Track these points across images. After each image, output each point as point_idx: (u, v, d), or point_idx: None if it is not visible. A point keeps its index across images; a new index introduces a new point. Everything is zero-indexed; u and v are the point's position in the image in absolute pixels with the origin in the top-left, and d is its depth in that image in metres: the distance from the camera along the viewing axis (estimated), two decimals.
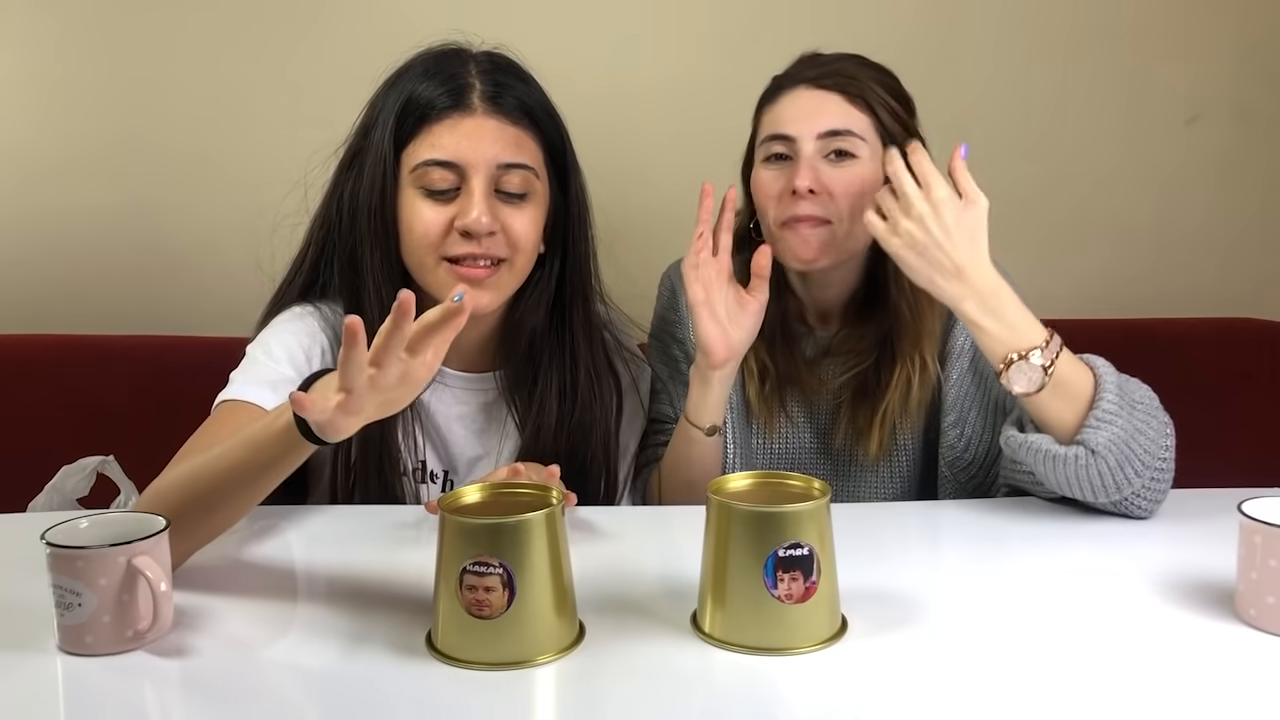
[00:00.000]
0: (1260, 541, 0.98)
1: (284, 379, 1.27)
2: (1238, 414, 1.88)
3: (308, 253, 1.40)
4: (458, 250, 1.29)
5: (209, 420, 1.26)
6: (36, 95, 2.00)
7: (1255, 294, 2.09)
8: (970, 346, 1.43)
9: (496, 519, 0.93)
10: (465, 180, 1.29)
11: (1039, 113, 2.05)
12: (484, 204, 1.28)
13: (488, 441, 1.44)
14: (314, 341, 1.34)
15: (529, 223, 1.32)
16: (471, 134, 1.28)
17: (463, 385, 1.43)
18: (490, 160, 1.28)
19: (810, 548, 0.95)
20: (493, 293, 1.32)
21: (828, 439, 1.50)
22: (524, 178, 1.31)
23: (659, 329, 1.59)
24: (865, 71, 1.41)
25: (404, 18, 1.87)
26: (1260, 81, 2.07)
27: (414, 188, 1.30)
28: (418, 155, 1.29)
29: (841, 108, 1.38)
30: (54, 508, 1.42)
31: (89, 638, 0.96)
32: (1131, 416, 1.21)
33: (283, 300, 1.40)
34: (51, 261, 2.04)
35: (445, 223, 1.29)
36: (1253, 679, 0.93)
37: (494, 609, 0.93)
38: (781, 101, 1.42)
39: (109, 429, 1.74)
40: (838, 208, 1.37)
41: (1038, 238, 2.07)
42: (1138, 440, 1.21)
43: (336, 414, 0.94)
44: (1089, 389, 1.22)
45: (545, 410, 1.40)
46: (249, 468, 1.05)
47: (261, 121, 1.99)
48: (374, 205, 1.30)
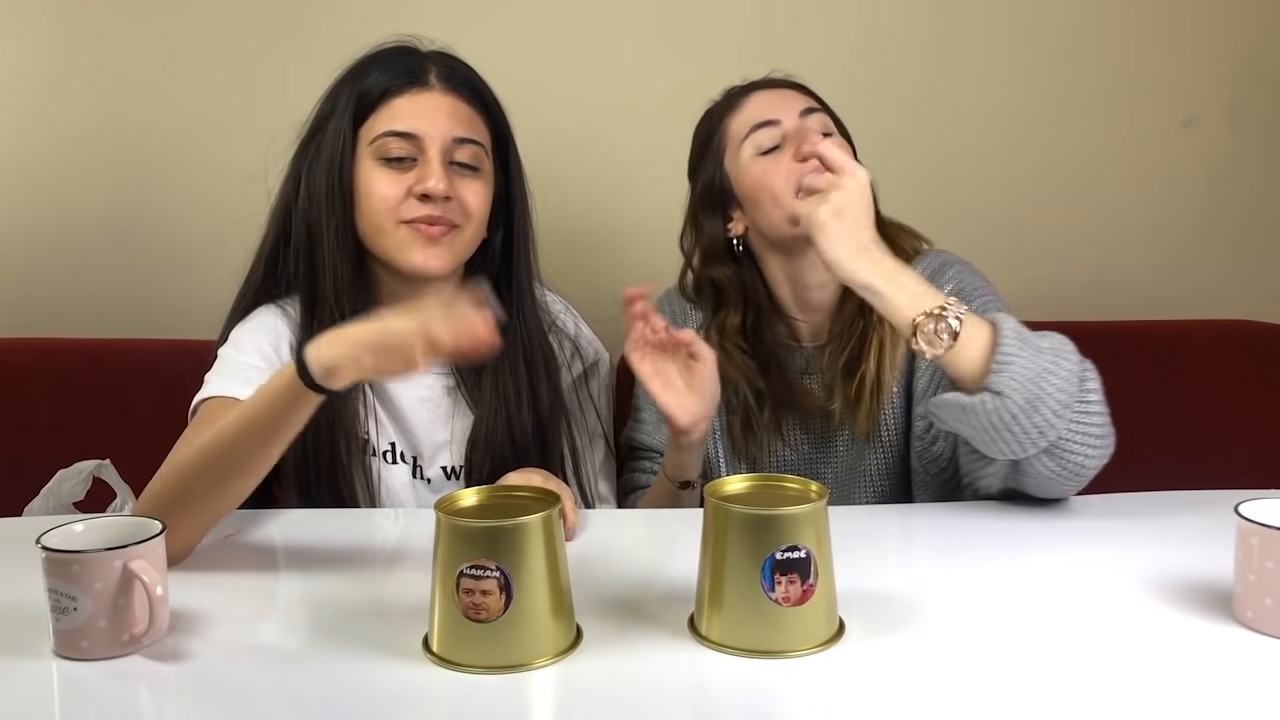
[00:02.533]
0: (1258, 543, 0.98)
1: (257, 371, 1.32)
2: (1235, 415, 1.87)
3: (268, 239, 1.44)
4: (415, 213, 1.36)
5: (193, 422, 1.28)
6: (32, 97, 2.00)
7: (1252, 295, 2.09)
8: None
9: (494, 522, 0.93)
10: (422, 151, 1.37)
11: (1035, 114, 2.05)
12: (440, 170, 1.36)
13: (452, 425, 1.46)
14: (280, 337, 1.39)
15: (479, 194, 1.40)
16: (429, 107, 1.37)
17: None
18: (446, 133, 1.37)
19: (808, 550, 0.95)
20: (447, 252, 1.38)
21: (827, 452, 1.51)
22: (475, 152, 1.40)
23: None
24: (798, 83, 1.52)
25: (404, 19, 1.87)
26: (1256, 82, 2.07)
27: (372, 159, 1.37)
28: (376, 128, 1.37)
29: (802, 98, 1.48)
30: (50, 511, 1.42)
31: (85, 642, 0.96)
32: (1036, 358, 1.21)
33: (247, 289, 1.44)
34: (47, 265, 2.03)
35: (403, 190, 1.37)
36: (1250, 681, 0.92)
37: (490, 612, 0.93)
38: (746, 104, 1.47)
39: (105, 433, 1.74)
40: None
41: (1035, 238, 2.08)
42: (1046, 380, 1.20)
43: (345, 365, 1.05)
44: (990, 338, 1.23)
45: (491, 390, 1.43)
46: (258, 427, 1.10)
47: (260, 122, 1.98)
48: (331, 178, 1.37)
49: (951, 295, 1.40)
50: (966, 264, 1.49)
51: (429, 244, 1.36)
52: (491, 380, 1.43)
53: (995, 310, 1.40)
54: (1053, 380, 1.20)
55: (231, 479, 1.14)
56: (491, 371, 1.43)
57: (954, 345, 1.23)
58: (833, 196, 1.27)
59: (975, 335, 1.23)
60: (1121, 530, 1.25)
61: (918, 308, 1.24)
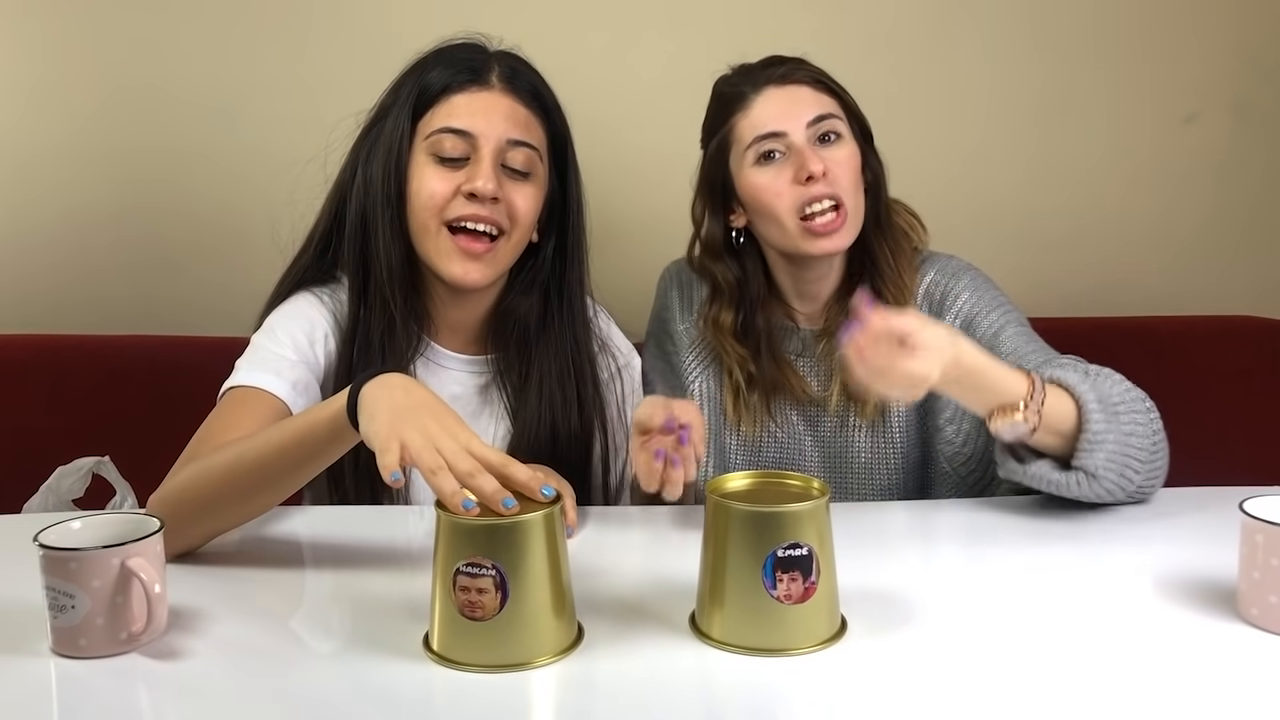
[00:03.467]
0: (1262, 540, 0.98)
1: (288, 363, 1.32)
2: (1238, 412, 1.87)
3: (320, 223, 1.44)
4: (461, 211, 1.35)
5: (219, 408, 1.28)
6: (31, 96, 1.99)
7: (1255, 292, 2.08)
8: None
9: (493, 520, 0.93)
10: (476, 150, 1.35)
11: (1037, 111, 2.04)
12: (491, 172, 1.35)
13: (480, 425, 1.45)
14: (315, 328, 1.38)
15: (530, 199, 1.38)
16: (486, 107, 1.36)
17: (458, 367, 1.46)
18: (501, 134, 1.36)
19: (809, 548, 0.94)
20: (487, 267, 1.37)
21: (819, 435, 1.51)
22: (529, 156, 1.38)
23: (656, 327, 1.60)
24: (811, 67, 1.47)
25: (406, 18, 1.87)
26: (1258, 79, 2.06)
27: (426, 154, 1.36)
28: (433, 123, 1.36)
29: (815, 96, 1.44)
30: (49, 509, 1.42)
31: (83, 640, 0.95)
32: (1119, 426, 1.22)
33: (293, 270, 1.43)
34: (47, 262, 2.03)
35: (452, 189, 1.35)
36: (1255, 679, 0.92)
37: (486, 610, 0.92)
38: (755, 105, 1.44)
39: (104, 430, 1.73)
40: (842, 185, 1.41)
41: (1036, 237, 2.07)
42: (1130, 444, 1.22)
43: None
44: (1073, 415, 1.22)
45: (537, 397, 1.43)
46: (295, 453, 1.10)
47: (259, 123, 1.99)
48: (388, 169, 1.37)
49: (964, 312, 1.43)
50: (977, 271, 1.49)
51: (469, 258, 1.35)
52: (537, 387, 1.43)
53: (1013, 321, 1.42)
54: (1134, 441, 1.22)
55: (259, 495, 1.15)
56: (537, 381, 1.43)
57: (1038, 425, 1.21)
58: (915, 366, 1.13)
59: (1058, 413, 1.21)
60: (1125, 527, 1.24)
61: (998, 405, 1.20)
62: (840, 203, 1.41)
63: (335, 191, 1.43)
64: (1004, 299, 1.46)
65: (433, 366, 1.44)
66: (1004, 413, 1.20)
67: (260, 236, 1.46)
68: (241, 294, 1.47)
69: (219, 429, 1.23)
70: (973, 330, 1.42)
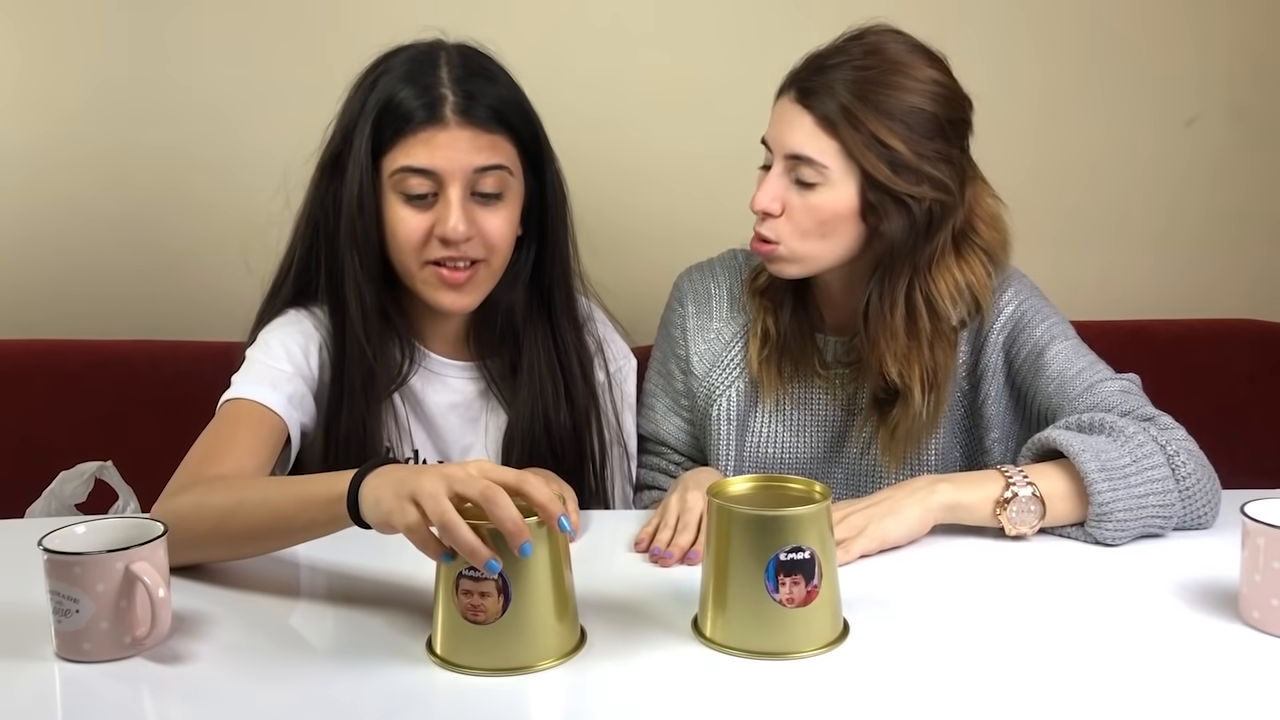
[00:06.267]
0: (1264, 543, 0.98)
1: (284, 375, 1.32)
2: (1239, 415, 1.87)
3: (296, 253, 1.42)
4: (438, 254, 1.33)
5: (216, 421, 1.28)
6: (32, 98, 1.99)
7: (1256, 294, 2.08)
8: (1003, 364, 1.40)
9: (495, 524, 0.93)
10: (442, 188, 1.32)
11: (1038, 113, 2.04)
12: (459, 212, 1.31)
13: (481, 429, 1.46)
14: (309, 340, 1.37)
15: (504, 222, 1.36)
16: (446, 145, 1.31)
17: (454, 374, 1.45)
18: (466, 166, 1.32)
19: (811, 551, 0.94)
20: (472, 295, 1.37)
21: (841, 447, 1.47)
22: (498, 178, 1.34)
23: (662, 340, 1.56)
24: (854, 86, 1.30)
25: (404, 18, 1.86)
26: (1259, 82, 2.06)
27: (394, 192, 1.33)
28: (395, 162, 1.32)
29: (809, 131, 1.31)
30: (52, 513, 1.42)
31: (87, 644, 0.95)
32: (1129, 490, 1.18)
33: (275, 301, 1.42)
34: (49, 266, 2.03)
35: (425, 230, 1.33)
36: (1257, 682, 0.92)
37: (489, 614, 0.92)
38: (776, 105, 1.37)
39: (107, 434, 1.74)
40: (791, 228, 1.33)
41: (1036, 238, 2.05)
42: (1146, 505, 1.18)
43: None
44: (1068, 482, 1.20)
45: (527, 387, 1.42)
46: (290, 523, 1.09)
47: (259, 124, 1.99)
48: (354, 210, 1.34)
49: (1012, 316, 1.39)
50: (1024, 278, 1.44)
51: (452, 289, 1.34)
52: (526, 380, 1.43)
53: (1060, 335, 1.36)
54: (1153, 502, 1.19)
55: (246, 548, 1.15)
56: (526, 371, 1.43)
57: (1044, 509, 1.19)
58: (856, 546, 1.17)
59: (1057, 487, 1.20)
60: None
61: (987, 503, 1.20)
62: (774, 243, 1.34)
63: (306, 221, 1.40)
64: (1051, 309, 1.41)
65: (431, 376, 1.44)
66: (1003, 508, 1.20)
67: (264, 241, 1.45)
68: (245, 298, 1.47)
69: (219, 445, 1.23)
70: (1016, 343, 1.38)
